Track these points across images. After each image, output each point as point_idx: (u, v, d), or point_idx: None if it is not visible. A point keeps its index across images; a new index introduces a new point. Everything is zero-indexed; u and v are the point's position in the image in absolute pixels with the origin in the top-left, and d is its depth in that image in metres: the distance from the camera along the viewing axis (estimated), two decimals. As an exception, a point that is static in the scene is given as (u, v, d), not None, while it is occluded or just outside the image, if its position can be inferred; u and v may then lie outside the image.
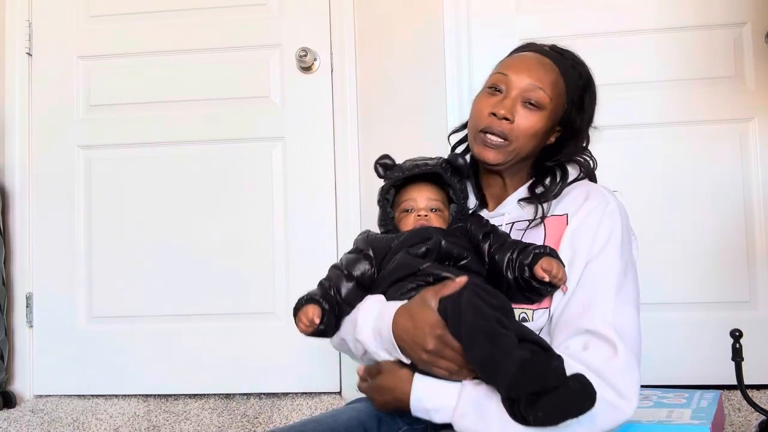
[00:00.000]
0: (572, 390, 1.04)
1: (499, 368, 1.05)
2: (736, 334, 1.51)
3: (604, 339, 1.16)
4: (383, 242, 1.28)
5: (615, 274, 1.23)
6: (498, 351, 1.06)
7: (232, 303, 2.29)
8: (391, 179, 1.32)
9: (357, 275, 1.27)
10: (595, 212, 1.27)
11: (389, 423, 1.26)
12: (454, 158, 1.32)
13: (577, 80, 1.39)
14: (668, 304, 2.10)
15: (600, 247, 1.24)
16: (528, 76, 1.32)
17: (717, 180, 2.10)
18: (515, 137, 1.30)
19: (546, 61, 1.36)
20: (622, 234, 1.28)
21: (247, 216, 2.30)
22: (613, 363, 1.15)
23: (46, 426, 2.11)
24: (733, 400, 1.91)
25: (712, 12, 2.12)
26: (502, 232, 1.31)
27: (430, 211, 1.29)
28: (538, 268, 1.19)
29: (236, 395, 2.26)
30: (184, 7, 2.36)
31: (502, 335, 1.07)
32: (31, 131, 2.40)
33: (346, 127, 2.26)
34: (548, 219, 1.31)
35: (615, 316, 1.19)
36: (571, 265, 1.23)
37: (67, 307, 2.35)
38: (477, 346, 1.09)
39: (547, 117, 1.33)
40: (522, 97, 1.31)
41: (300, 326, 1.27)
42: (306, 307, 1.25)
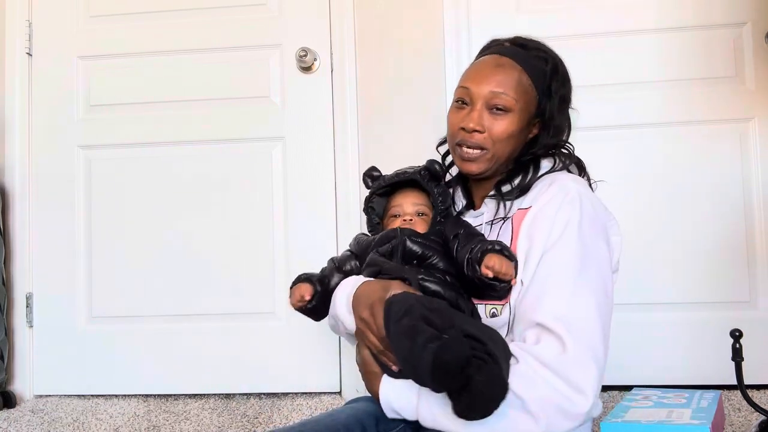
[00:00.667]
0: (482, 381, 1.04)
1: (418, 360, 1.07)
2: (736, 334, 1.50)
3: (553, 333, 1.15)
4: (364, 243, 1.40)
5: (570, 265, 1.20)
6: (416, 345, 1.08)
7: (232, 303, 2.29)
8: (373, 188, 1.43)
9: (346, 269, 1.40)
10: (553, 201, 1.26)
11: (387, 421, 1.27)
12: (431, 165, 1.39)
13: (544, 68, 1.39)
14: (668, 304, 2.10)
15: (556, 237, 1.22)
16: (487, 84, 1.33)
17: (717, 180, 2.10)
18: (490, 144, 1.33)
19: (505, 62, 1.36)
20: (582, 222, 1.24)
21: (247, 216, 2.30)
22: (564, 357, 1.13)
23: (46, 426, 2.11)
24: (733, 400, 1.92)
25: (712, 12, 2.12)
26: (475, 232, 1.33)
27: (416, 215, 1.38)
28: (483, 265, 1.21)
29: (236, 395, 2.26)
30: (184, 7, 2.36)
31: (422, 332, 1.09)
32: (31, 131, 2.40)
33: (346, 127, 2.26)
34: (516, 214, 1.31)
35: (567, 308, 1.17)
36: (528, 255, 1.23)
37: (67, 307, 2.35)
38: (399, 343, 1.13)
39: (518, 116, 1.34)
40: (487, 105, 1.33)
41: (291, 300, 1.39)
42: (299, 285, 1.39)
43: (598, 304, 1.19)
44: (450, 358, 1.03)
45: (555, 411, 1.12)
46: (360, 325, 1.27)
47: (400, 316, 1.14)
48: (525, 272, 1.23)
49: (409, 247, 1.31)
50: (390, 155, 2.18)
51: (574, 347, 1.13)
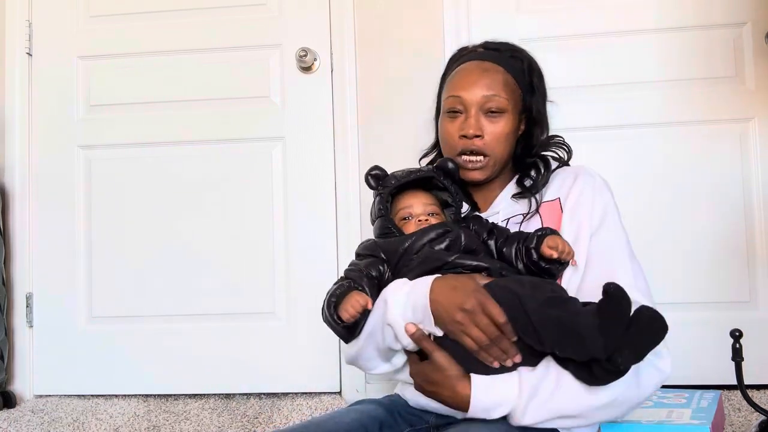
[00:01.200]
0: (645, 319, 1.08)
1: (579, 326, 1.07)
2: (736, 334, 1.51)
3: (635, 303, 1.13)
4: (394, 244, 1.26)
5: (624, 242, 1.32)
6: (569, 312, 1.10)
7: (232, 303, 2.29)
8: (387, 187, 1.31)
9: (374, 274, 1.25)
10: (586, 189, 1.34)
11: (391, 425, 1.26)
12: (444, 163, 1.34)
13: (522, 67, 1.44)
14: (668, 304, 2.07)
15: (599, 219, 1.31)
16: (479, 89, 1.37)
17: (717, 180, 2.10)
18: (491, 149, 1.37)
19: (488, 65, 1.40)
20: (614, 206, 1.36)
21: (247, 216, 2.30)
22: None
23: (46, 426, 2.11)
24: (733, 400, 1.91)
25: (712, 12, 2.12)
26: (502, 227, 1.35)
27: (429, 216, 1.30)
28: (544, 247, 1.22)
29: (236, 395, 2.26)
30: (184, 7, 2.36)
31: (567, 300, 1.12)
32: (31, 131, 2.40)
33: (346, 128, 2.26)
34: (542, 206, 1.36)
35: (636, 279, 1.27)
36: (577, 241, 1.28)
37: (67, 307, 2.35)
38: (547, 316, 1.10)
39: (512, 116, 1.39)
40: (482, 110, 1.37)
41: (348, 312, 1.20)
42: (355, 293, 1.21)
43: (644, 273, 1.32)
44: (617, 313, 1.06)
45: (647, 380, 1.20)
46: (461, 318, 1.14)
47: (530, 291, 1.13)
48: (579, 254, 1.27)
49: (466, 241, 1.24)
50: (390, 155, 2.17)
51: None
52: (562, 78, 2.15)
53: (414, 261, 1.23)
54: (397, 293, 1.20)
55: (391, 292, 1.21)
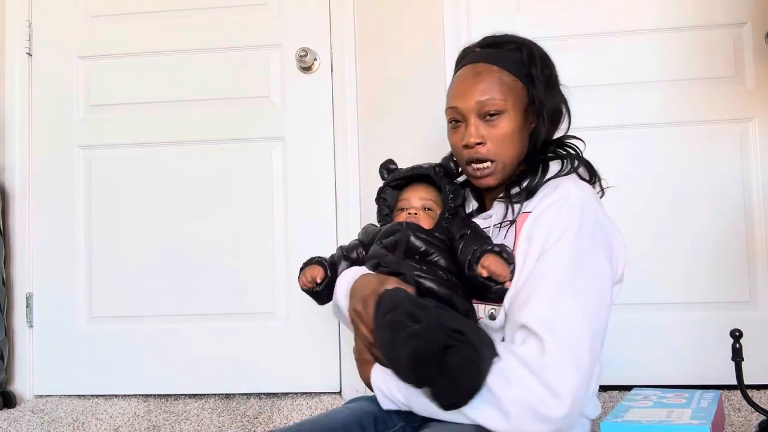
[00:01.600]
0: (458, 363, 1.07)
1: (398, 353, 1.11)
2: (736, 334, 1.50)
3: (536, 335, 1.14)
4: (372, 233, 1.43)
5: (561, 269, 1.18)
6: (397, 339, 1.12)
7: (232, 303, 2.29)
8: (387, 180, 1.46)
9: (353, 257, 1.44)
10: (552, 207, 1.25)
11: (385, 420, 1.27)
12: (446, 162, 1.42)
13: (520, 57, 1.38)
14: (668, 304, 2.10)
15: (553, 241, 1.21)
16: (472, 96, 1.34)
17: (717, 180, 2.10)
18: (495, 153, 1.34)
19: (481, 68, 1.36)
20: (580, 228, 1.22)
21: (247, 216, 2.30)
22: (542, 359, 1.12)
23: (46, 426, 2.11)
24: (733, 400, 1.91)
25: (712, 12, 2.13)
26: (481, 233, 1.34)
27: (421, 210, 1.39)
28: (479, 264, 1.23)
29: (236, 395, 2.26)
30: (184, 7, 2.36)
31: (404, 327, 1.12)
32: (31, 131, 2.40)
33: (346, 128, 2.26)
34: (520, 217, 1.31)
35: (551, 311, 1.15)
36: (525, 258, 1.23)
37: (67, 307, 2.35)
38: (383, 337, 1.16)
39: (513, 114, 1.35)
40: (479, 115, 1.34)
41: (301, 280, 1.43)
42: (312, 266, 1.43)
43: (589, 310, 1.17)
44: (426, 348, 1.07)
45: (528, 412, 1.10)
46: (353, 316, 1.30)
47: (387, 310, 1.17)
48: (521, 275, 1.22)
49: (413, 242, 1.32)
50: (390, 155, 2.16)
51: (555, 350, 1.12)
52: (562, 78, 2.15)
53: (369, 252, 1.39)
54: (342, 279, 1.38)
55: (340, 278, 1.39)
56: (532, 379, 1.11)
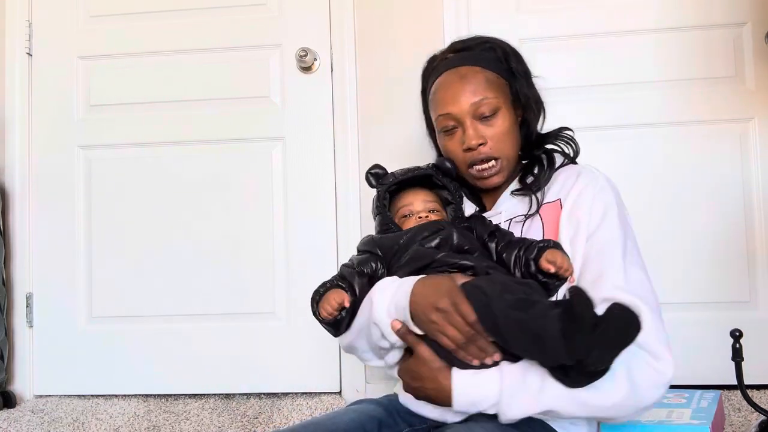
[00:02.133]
0: (615, 317, 1.03)
1: (543, 330, 1.04)
2: (736, 334, 1.51)
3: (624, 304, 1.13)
4: (390, 240, 1.28)
5: (619, 242, 1.25)
6: (534, 317, 1.06)
7: (232, 303, 2.29)
8: (385, 185, 1.34)
9: (368, 272, 1.26)
10: (587, 189, 1.30)
11: (390, 425, 1.26)
12: (441, 162, 1.36)
13: (497, 56, 1.40)
14: (668, 304, 2.07)
15: (598, 220, 1.26)
16: (464, 100, 1.34)
17: (717, 180, 2.10)
18: (498, 150, 1.35)
19: (464, 71, 1.37)
20: (617, 206, 1.31)
21: (247, 216, 2.30)
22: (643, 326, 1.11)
23: (46, 426, 2.11)
24: (733, 400, 1.91)
25: (712, 12, 2.12)
26: (505, 230, 1.32)
27: (429, 213, 1.31)
28: (542, 260, 1.19)
29: (236, 395, 2.26)
30: (184, 7, 2.36)
31: (535, 302, 1.08)
32: (31, 131, 2.40)
33: (346, 127, 2.26)
34: (543, 208, 1.33)
35: (627, 280, 1.21)
36: (574, 242, 1.26)
37: (67, 307, 2.35)
38: (512, 319, 1.08)
39: (506, 110, 1.37)
40: (475, 116, 1.34)
41: (326, 309, 1.23)
42: (334, 291, 1.24)
43: (647, 273, 1.26)
44: (582, 316, 1.02)
45: (645, 382, 1.15)
46: (435, 318, 1.14)
47: (499, 292, 1.10)
48: (575, 259, 1.24)
49: (458, 240, 1.24)
50: (390, 155, 2.17)
51: (648, 312, 1.16)
52: (562, 78, 2.16)
53: (404, 258, 1.24)
54: (383, 292, 1.21)
55: (377, 292, 1.22)
56: (638, 350, 1.13)
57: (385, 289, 1.22)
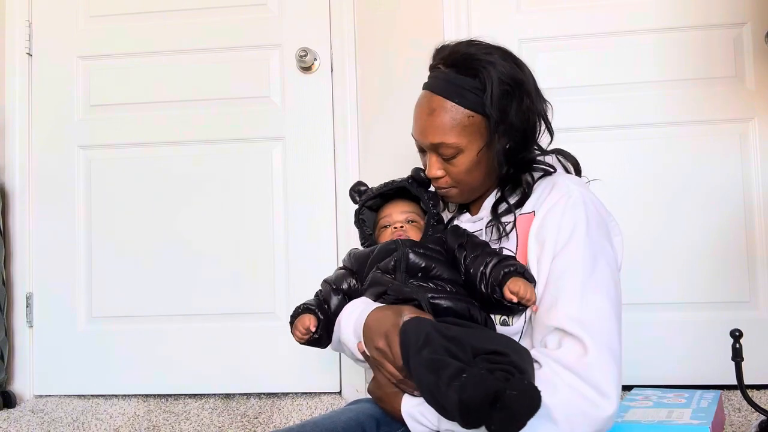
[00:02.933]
0: (516, 396, 0.98)
1: (444, 398, 1.03)
2: (736, 334, 1.50)
3: (573, 336, 1.13)
4: (362, 257, 1.36)
5: (580, 267, 1.18)
6: (441, 382, 1.04)
7: (232, 303, 2.29)
8: (362, 200, 1.44)
9: (344, 289, 1.36)
10: (557, 206, 1.24)
11: (389, 423, 1.26)
12: (416, 173, 1.39)
13: (474, 85, 1.28)
14: (668, 304, 2.10)
15: (564, 241, 1.21)
16: (427, 136, 1.31)
17: (717, 180, 2.10)
18: (458, 182, 1.33)
19: (435, 104, 1.29)
20: (588, 224, 1.22)
21: (247, 216, 2.30)
22: (585, 360, 1.11)
23: (46, 426, 2.11)
24: (733, 400, 1.92)
25: (712, 12, 2.12)
26: (478, 241, 1.31)
27: (406, 223, 1.37)
28: (506, 289, 1.18)
29: (236, 395, 2.26)
30: (184, 7, 2.36)
31: (445, 366, 1.05)
32: (31, 131, 2.40)
33: (346, 127, 2.27)
34: (519, 219, 1.29)
35: (581, 310, 1.15)
36: (540, 260, 1.22)
37: (67, 307, 2.35)
38: (423, 377, 1.08)
39: (471, 151, 1.30)
40: (436, 154, 1.32)
41: (296, 334, 1.34)
42: (302, 317, 1.34)
43: (612, 302, 1.18)
44: (477, 395, 0.99)
45: (579, 416, 1.09)
46: (375, 355, 1.22)
47: (420, 346, 1.10)
48: (539, 278, 1.21)
49: (413, 259, 1.28)
50: (390, 155, 2.17)
51: (595, 348, 1.11)
52: (562, 78, 2.16)
53: (366, 281, 1.32)
54: (350, 316, 1.29)
55: (345, 315, 1.31)
56: (579, 382, 1.10)
57: (351, 312, 1.30)
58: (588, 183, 1.36)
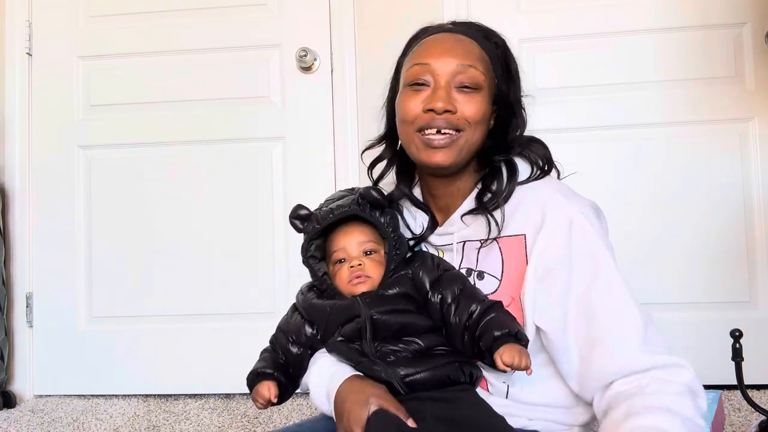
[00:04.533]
0: None
1: None
2: (736, 334, 1.50)
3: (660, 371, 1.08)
4: (318, 312, 1.16)
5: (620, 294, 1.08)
6: None
7: (232, 303, 2.29)
8: (308, 233, 1.17)
9: (303, 341, 1.18)
10: (559, 236, 1.09)
11: None
12: (367, 192, 1.15)
13: (495, 50, 1.19)
14: (668, 304, 2.10)
15: (588, 276, 1.08)
16: (453, 57, 1.14)
17: (717, 180, 2.10)
18: (465, 125, 1.12)
19: (462, 37, 1.18)
20: (601, 241, 1.10)
21: (247, 216, 2.30)
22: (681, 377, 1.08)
23: (46, 426, 2.11)
24: (733, 400, 1.92)
25: (712, 12, 2.12)
26: (454, 274, 1.14)
27: (363, 256, 1.14)
28: (498, 360, 1.02)
29: (236, 395, 2.26)
30: (184, 7, 2.36)
31: None
32: (31, 131, 2.40)
33: (346, 127, 2.27)
34: (503, 239, 1.13)
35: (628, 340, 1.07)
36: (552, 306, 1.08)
37: (67, 307, 2.35)
38: None
39: (487, 96, 1.15)
40: (454, 83, 1.13)
41: (257, 402, 1.19)
42: (260, 386, 1.18)
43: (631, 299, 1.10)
44: None
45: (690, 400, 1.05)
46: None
47: None
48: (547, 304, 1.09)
49: (379, 324, 1.09)
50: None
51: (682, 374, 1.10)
52: (561, 78, 2.16)
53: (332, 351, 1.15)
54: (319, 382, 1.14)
55: (314, 377, 1.16)
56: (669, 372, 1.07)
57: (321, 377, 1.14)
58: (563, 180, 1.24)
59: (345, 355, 1.12)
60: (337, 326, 1.13)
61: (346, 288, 1.15)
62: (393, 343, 1.10)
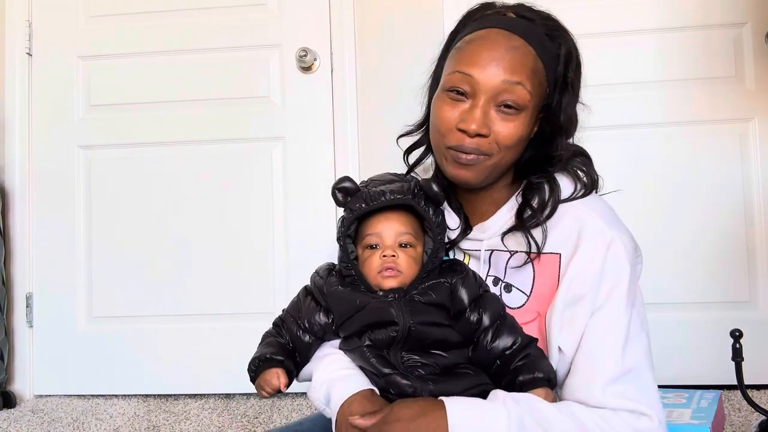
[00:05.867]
0: None
1: None
2: (736, 334, 1.50)
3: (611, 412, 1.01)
4: (344, 304, 1.07)
5: (622, 326, 1.04)
6: None
7: (232, 303, 2.29)
8: (353, 211, 1.06)
9: (315, 329, 1.12)
10: (595, 259, 1.05)
11: None
12: (428, 186, 1.06)
13: (557, 53, 1.10)
14: (668, 304, 2.10)
15: (604, 298, 1.05)
16: (499, 72, 1.03)
17: (717, 180, 2.10)
18: (494, 151, 1.05)
19: (517, 43, 1.06)
20: (630, 275, 1.07)
21: (247, 216, 2.30)
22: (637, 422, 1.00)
23: (46, 426, 2.11)
24: (733, 400, 1.92)
25: (712, 12, 2.12)
26: (494, 297, 1.08)
27: (398, 248, 1.05)
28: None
29: (236, 395, 2.26)
30: (184, 7, 2.36)
31: None
32: (31, 131, 2.40)
33: (346, 127, 2.27)
34: (540, 259, 1.08)
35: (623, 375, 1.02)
36: (573, 320, 1.05)
37: (67, 307, 2.35)
38: None
39: (530, 116, 1.06)
40: (495, 102, 1.04)
41: (264, 390, 1.09)
42: (269, 373, 1.08)
43: (647, 337, 1.07)
44: None
45: None
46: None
47: None
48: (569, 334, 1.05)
49: (415, 335, 1.03)
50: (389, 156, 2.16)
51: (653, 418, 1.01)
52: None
53: (356, 356, 1.07)
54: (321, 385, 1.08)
55: (318, 375, 1.09)
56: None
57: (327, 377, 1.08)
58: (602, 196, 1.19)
59: (369, 364, 1.05)
60: (364, 326, 1.05)
61: (374, 278, 1.06)
62: (421, 356, 1.04)
